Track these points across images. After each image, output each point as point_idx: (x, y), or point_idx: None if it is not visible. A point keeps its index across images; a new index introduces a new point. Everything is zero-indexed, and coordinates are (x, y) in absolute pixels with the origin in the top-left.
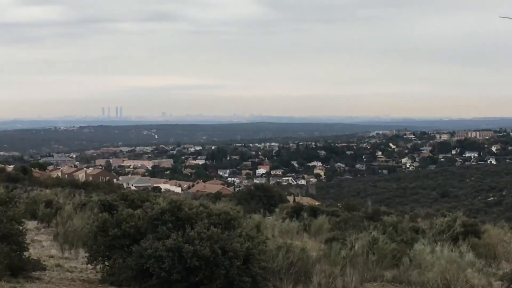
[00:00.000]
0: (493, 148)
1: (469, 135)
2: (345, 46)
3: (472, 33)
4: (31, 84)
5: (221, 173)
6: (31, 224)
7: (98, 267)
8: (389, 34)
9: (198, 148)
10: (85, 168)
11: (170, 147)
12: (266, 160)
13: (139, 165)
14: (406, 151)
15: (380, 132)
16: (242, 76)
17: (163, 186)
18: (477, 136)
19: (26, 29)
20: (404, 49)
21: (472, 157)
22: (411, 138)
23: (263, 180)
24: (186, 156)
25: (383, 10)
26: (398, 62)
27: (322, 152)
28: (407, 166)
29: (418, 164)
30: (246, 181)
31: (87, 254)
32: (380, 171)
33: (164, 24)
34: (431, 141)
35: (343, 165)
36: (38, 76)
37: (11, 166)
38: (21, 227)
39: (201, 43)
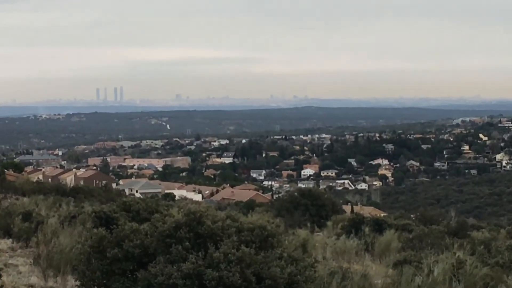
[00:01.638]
0: None
1: None
2: (419, 5)
3: None
4: (2, 59)
5: (254, 175)
6: (4, 244)
7: None
8: None
9: (223, 142)
10: (74, 170)
11: (187, 141)
12: (315, 158)
13: (146, 164)
14: (502, 144)
15: (467, 119)
16: (282, 46)
17: (178, 193)
18: None
19: None
20: (500, 9)
21: None
22: (509, 126)
23: (311, 184)
24: (208, 152)
25: None
26: (491, 26)
27: (389, 147)
28: (504, 164)
29: None
30: (287, 185)
31: (77, 283)
32: (466, 171)
33: None
34: None
35: (417, 164)
36: (11, 48)
37: None
38: None
39: (227, 3)
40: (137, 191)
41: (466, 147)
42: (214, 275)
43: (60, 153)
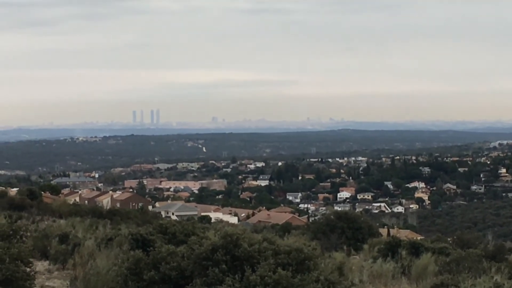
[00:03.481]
0: None
1: None
2: (456, 27)
3: None
4: (40, 81)
5: (290, 198)
6: (41, 265)
7: None
8: None
9: (259, 164)
10: (110, 192)
11: (223, 164)
12: (351, 180)
13: (182, 187)
14: None
15: (504, 142)
16: (319, 69)
17: (214, 215)
18: None
19: (33, 9)
20: None
21: None
22: None
23: (347, 207)
24: (244, 175)
25: None
26: None
27: (426, 169)
28: None
29: None
30: (324, 208)
31: None
32: (504, 194)
33: (212, 1)
34: None
35: (454, 187)
36: (48, 70)
37: (15, 189)
38: (28, 269)
39: (262, 25)
40: (173, 214)
41: (503, 170)
42: None
43: (96, 175)
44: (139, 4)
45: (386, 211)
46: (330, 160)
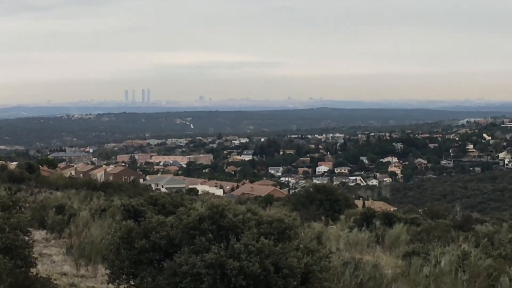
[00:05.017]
0: None
1: None
2: (428, 13)
3: None
4: (38, 62)
5: (272, 172)
6: (39, 234)
7: (121, 287)
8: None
9: (243, 140)
10: (104, 166)
11: (209, 139)
12: (329, 155)
13: (171, 161)
14: (505, 143)
15: (472, 120)
16: (299, 51)
17: (201, 188)
18: None
19: None
20: (504, 18)
21: None
22: (511, 127)
23: (325, 180)
24: (228, 150)
25: None
26: (495, 32)
27: (399, 145)
28: (506, 162)
29: None
30: (303, 181)
31: (107, 271)
32: (471, 168)
33: None
34: None
35: (425, 161)
36: (46, 52)
37: (14, 163)
38: (27, 238)
39: (248, 11)
40: (162, 186)
41: (471, 146)
42: (235, 265)
43: (91, 150)
44: None
45: (362, 184)
46: (309, 136)
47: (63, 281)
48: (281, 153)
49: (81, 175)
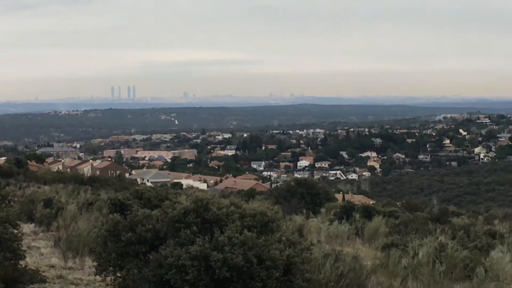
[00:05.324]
0: None
1: None
2: (407, 13)
3: None
4: (26, 60)
5: (254, 166)
6: (27, 228)
7: (108, 279)
8: None
9: (227, 135)
10: (91, 161)
11: (193, 135)
12: (309, 150)
13: (156, 156)
14: (480, 138)
15: (448, 115)
16: (280, 49)
17: (185, 182)
18: None
19: None
20: (480, 17)
21: None
22: (486, 122)
23: (306, 174)
24: (212, 145)
25: None
26: (471, 32)
27: (378, 140)
28: (481, 156)
29: (494, 154)
30: (285, 175)
31: (95, 264)
32: (448, 163)
33: None
34: (510, 127)
35: (403, 156)
36: (34, 50)
37: (3, 158)
38: (16, 231)
39: (230, 9)
40: (148, 180)
41: (447, 141)
42: (219, 257)
43: (78, 145)
44: None
45: (342, 178)
46: (290, 132)
47: (51, 273)
48: (263, 148)
49: (69, 169)
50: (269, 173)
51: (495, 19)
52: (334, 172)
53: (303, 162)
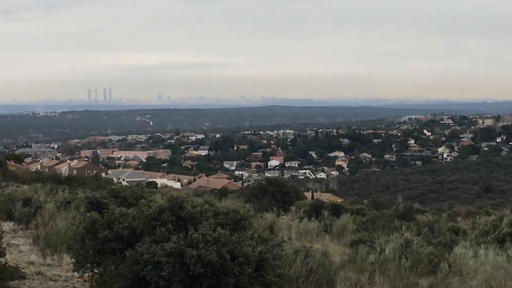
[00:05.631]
0: None
1: None
2: (373, 17)
3: None
4: (4, 63)
5: (227, 166)
6: (6, 226)
7: (86, 275)
8: (424, 3)
9: (200, 136)
10: (68, 161)
11: (168, 136)
12: (280, 150)
13: (131, 156)
14: (443, 138)
15: (413, 116)
16: (251, 52)
17: (160, 181)
18: None
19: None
20: (442, 21)
21: None
22: (449, 123)
23: (276, 174)
24: (186, 146)
25: None
26: (435, 35)
27: (345, 141)
28: (445, 156)
29: (457, 154)
30: (256, 174)
31: (73, 260)
32: (412, 162)
33: None
34: (472, 127)
35: (370, 156)
36: (12, 53)
37: None
38: None
39: (203, 14)
40: (124, 180)
41: (412, 141)
42: (194, 254)
43: (55, 146)
44: None
45: (311, 177)
46: (261, 132)
47: (30, 269)
48: (235, 148)
49: (47, 169)
50: (240, 172)
51: (457, 23)
52: (304, 171)
53: (274, 162)
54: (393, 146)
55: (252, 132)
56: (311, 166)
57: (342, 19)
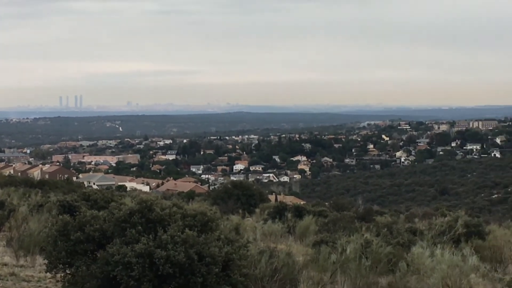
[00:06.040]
0: (498, 140)
1: (471, 125)
2: (332, 27)
3: (474, 13)
4: None
5: (194, 170)
6: None
7: (58, 275)
8: (382, 14)
9: (167, 141)
10: (40, 165)
11: (136, 141)
12: (244, 155)
13: (102, 161)
14: (401, 143)
15: (372, 122)
16: (217, 61)
17: (129, 185)
18: (480, 127)
19: None
20: (399, 31)
21: (474, 150)
22: (406, 129)
23: (241, 177)
24: (154, 150)
25: None
26: (392, 45)
27: (307, 146)
28: (402, 160)
29: (414, 158)
30: (222, 178)
31: (45, 261)
32: (371, 166)
33: (128, 3)
34: (428, 132)
35: (331, 160)
36: None
37: None
38: None
39: (170, 25)
40: (94, 184)
41: (371, 146)
42: (163, 254)
43: (28, 151)
44: (64, 4)
45: (274, 181)
46: (227, 138)
47: (4, 270)
48: (201, 153)
49: (19, 173)
50: (207, 176)
51: (414, 33)
52: (267, 175)
53: (239, 166)
54: (353, 150)
55: (218, 137)
56: (274, 170)
57: (305, 29)
